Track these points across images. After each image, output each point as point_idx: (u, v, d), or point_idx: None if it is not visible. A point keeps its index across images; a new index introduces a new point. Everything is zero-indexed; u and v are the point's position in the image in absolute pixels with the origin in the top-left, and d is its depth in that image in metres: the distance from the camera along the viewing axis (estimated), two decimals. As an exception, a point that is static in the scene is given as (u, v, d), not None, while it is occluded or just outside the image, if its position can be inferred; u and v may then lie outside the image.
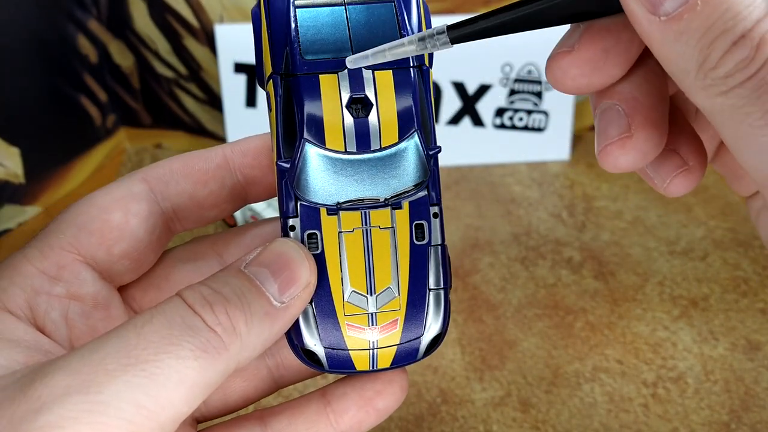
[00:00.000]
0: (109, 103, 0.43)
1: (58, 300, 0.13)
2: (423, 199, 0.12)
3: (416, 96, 0.12)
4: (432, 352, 0.13)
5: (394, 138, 0.12)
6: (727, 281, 0.33)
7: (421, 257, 0.12)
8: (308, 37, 0.12)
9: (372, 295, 0.12)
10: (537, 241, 0.36)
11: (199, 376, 0.10)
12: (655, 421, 0.26)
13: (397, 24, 0.13)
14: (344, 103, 0.12)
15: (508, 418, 0.26)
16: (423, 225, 0.12)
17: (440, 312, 0.13)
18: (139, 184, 0.13)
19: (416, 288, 0.12)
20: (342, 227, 0.12)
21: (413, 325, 0.12)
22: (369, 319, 0.12)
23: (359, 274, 0.12)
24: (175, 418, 0.10)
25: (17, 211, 0.38)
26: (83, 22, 0.40)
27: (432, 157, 0.12)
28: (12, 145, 0.36)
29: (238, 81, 0.41)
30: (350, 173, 0.12)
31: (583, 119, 0.45)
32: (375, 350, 0.12)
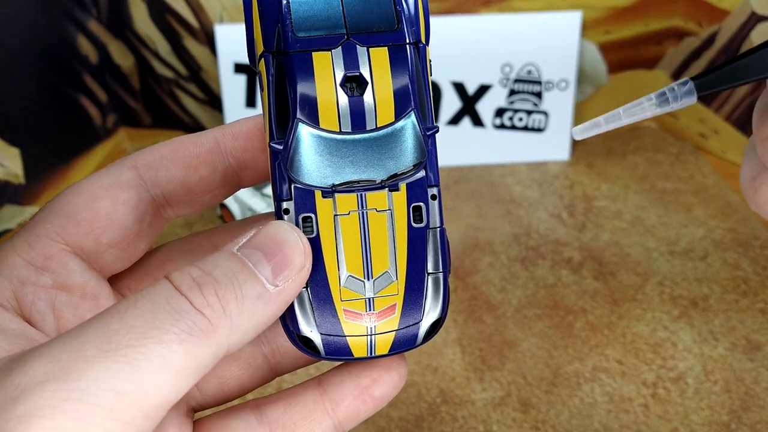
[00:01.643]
0: (109, 103, 0.43)
1: (45, 291, 0.13)
2: (421, 181, 0.12)
3: (413, 74, 0.12)
4: (431, 337, 0.12)
5: (390, 117, 0.12)
6: (727, 281, 0.33)
7: (420, 240, 0.12)
8: (300, 14, 0.12)
9: (369, 280, 0.12)
10: (537, 241, 0.36)
11: (186, 361, 0.10)
12: (655, 421, 0.26)
13: (392, 3, 0.12)
14: (338, 81, 0.11)
15: (508, 418, 0.26)
16: (421, 207, 0.12)
17: (439, 296, 0.12)
18: (128, 171, 0.13)
19: (414, 272, 0.12)
20: (337, 210, 0.12)
21: (412, 310, 0.12)
22: (366, 304, 0.12)
23: (356, 258, 0.12)
24: (161, 404, 0.10)
25: (17, 211, 0.38)
26: (83, 23, 0.40)
27: (429, 137, 0.12)
28: (12, 145, 0.36)
29: (238, 81, 0.41)
30: (345, 154, 0.12)
31: (583, 119, 0.45)
32: (373, 336, 0.12)
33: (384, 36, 0.12)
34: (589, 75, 0.44)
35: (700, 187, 0.40)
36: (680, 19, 0.41)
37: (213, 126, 0.44)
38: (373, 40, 0.12)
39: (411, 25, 0.12)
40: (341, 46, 0.12)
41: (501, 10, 0.41)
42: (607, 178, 0.41)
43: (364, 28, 0.12)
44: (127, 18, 0.40)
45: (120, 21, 0.40)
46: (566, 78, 0.41)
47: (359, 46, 0.12)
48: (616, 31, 0.42)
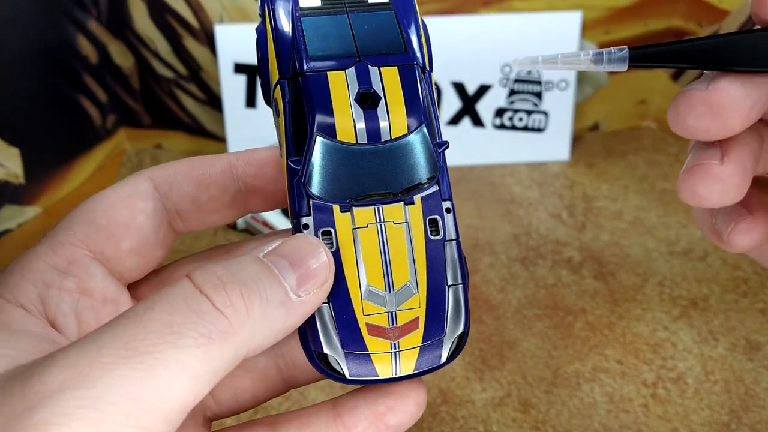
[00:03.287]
0: (109, 103, 0.43)
1: (68, 294, 0.13)
2: (435, 194, 0.12)
3: (422, 92, 0.12)
4: (456, 355, 0.12)
5: (403, 129, 0.12)
6: (726, 281, 0.33)
7: (438, 252, 0.12)
8: (314, 41, 0.13)
9: (390, 292, 0.12)
10: (537, 241, 0.36)
11: (204, 365, 0.10)
12: (655, 421, 0.26)
13: (399, 30, 0.13)
14: (353, 97, 0.12)
15: (508, 418, 0.26)
16: (437, 220, 0.12)
17: (461, 309, 0.12)
18: (145, 183, 0.14)
19: (435, 284, 0.12)
20: (356, 223, 0.12)
21: (435, 324, 0.12)
22: (389, 318, 0.12)
23: (376, 270, 0.12)
24: (179, 409, 0.10)
25: (17, 211, 0.38)
26: (83, 23, 0.40)
27: (441, 152, 0.13)
28: (12, 145, 0.36)
29: (238, 81, 0.41)
30: (362, 168, 0.12)
31: (583, 120, 0.45)
32: (397, 353, 0.12)
33: (393, 57, 0.12)
34: (589, 75, 0.44)
35: (700, 187, 0.40)
36: (680, 19, 0.41)
37: (212, 126, 0.45)
38: (384, 61, 0.12)
39: (417, 51, 0.13)
40: (354, 66, 0.12)
41: (501, 10, 0.41)
42: (607, 178, 0.41)
43: (375, 51, 0.12)
44: (127, 18, 0.40)
45: (120, 21, 0.40)
46: (566, 78, 0.41)
47: (371, 66, 0.12)
48: (616, 31, 0.42)
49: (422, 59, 0.13)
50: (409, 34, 0.13)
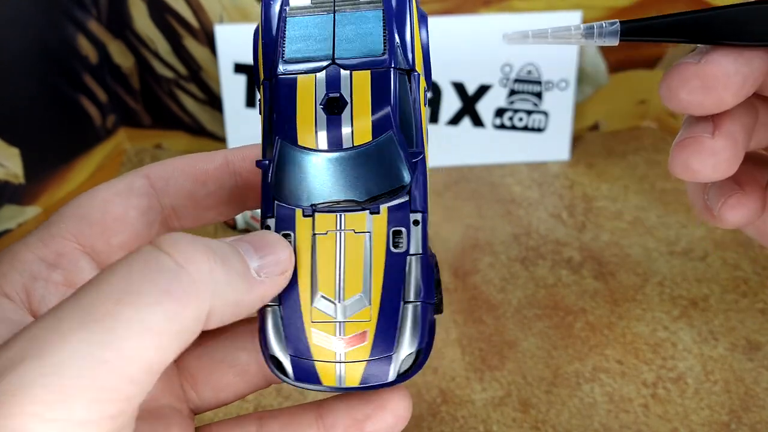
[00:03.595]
0: (109, 103, 0.43)
1: (55, 286, 0.13)
2: (404, 205, 0.12)
3: (395, 97, 0.12)
4: (412, 373, 0.12)
5: (367, 137, 0.12)
6: (726, 281, 0.33)
7: (398, 266, 0.12)
8: (293, 44, 0.12)
9: (340, 302, 0.12)
10: (537, 241, 0.36)
11: (166, 322, 0.10)
12: (655, 421, 0.26)
13: (382, 31, 0.12)
14: (319, 101, 0.12)
15: (508, 418, 0.26)
16: (401, 232, 0.12)
17: (417, 327, 0.11)
18: (141, 180, 0.14)
19: (389, 299, 0.11)
20: (316, 229, 0.12)
21: (384, 340, 0.11)
22: (336, 328, 0.11)
23: (329, 278, 0.12)
24: (146, 369, 0.10)
25: (17, 211, 0.38)
26: (83, 23, 0.40)
27: (416, 162, 0.12)
28: (12, 145, 0.36)
29: (238, 81, 0.41)
30: (325, 173, 0.12)
31: (583, 120, 0.45)
32: (342, 364, 0.12)
33: (369, 61, 0.12)
34: (589, 75, 0.44)
35: (700, 187, 0.40)
36: (680, 19, 0.41)
37: (212, 126, 0.45)
38: (358, 65, 0.12)
39: (404, 53, 0.12)
40: (326, 70, 0.12)
41: (501, 10, 0.41)
42: (607, 178, 0.41)
43: (351, 53, 0.12)
44: (127, 18, 0.40)
45: (120, 21, 0.40)
46: (566, 78, 0.41)
47: (343, 70, 0.12)
48: (616, 31, 0.42)
49: (409, 61, 0.12)
50: (393, 34, 0.12)
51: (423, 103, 0.12)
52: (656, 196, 0.39)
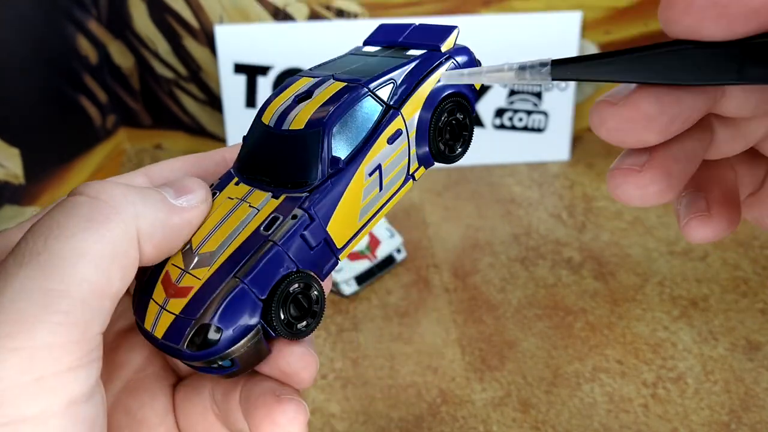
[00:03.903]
0: (109, 103, 0.43)
1: None
2: (298, 199, 0.12)
3: (345, 106, 0.12)
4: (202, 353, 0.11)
5: (300, 125, 0.12)
6: (726, 281, 0.33)
7: (252, 245, 0.12)
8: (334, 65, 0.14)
9: (195, 253, 0.12)
10: (537, 241, 0.36)
11: (98, 245, 0.10)
12: (655, 421, 0.26)
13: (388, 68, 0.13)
14: (297, 92, 0.13)
15: (508, 418, 0.26)
16: (277, 219, 0.12)
17: (219, 302, 0.11)
18: (141, 177, 0.14)
19: (225, 268, 0.11)
20: (228, 194, 0.13)
21: (196, 302, 0.11)
22: (179, 275, 0.12)
23: (202, 233, 0.12)
24: (95, 292, 0.10)
25: (17, 211, 0.38)
26: (83, 23, 0.40)
27: (336, 173, 0.12)
28: (12, 145, 0.36)
29: (237, 81, 0.41)
30: (263, 150, 0.13)
31: (583, 120, 0.45)
32: (162, 311, 0.12)
33: (354, 78, 0.13)
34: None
35: (700, 187, 0.40)
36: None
37: (213, 126, 0.45)
38: (344, 79, 0.13)
39: (395, 91, 0.13)
40: (322, 77, 0.13)
41: (501, 10, 0.41)
42: (607, 178, 0.41)
43: (350, 74, 0.13)
44: (127, 18, 0.40)
45: (120, 21, 0.40)
46: (566, 78, 0.41)
47: (331, 80, 0.13)
48: (616, 31, 0.42)
49: (398, 100, 0.13)
50: (395, 73, 0.13)
51: (386, 140, 0.13)
52: (656, 196, 0.39)
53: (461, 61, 0.14)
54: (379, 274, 0.33)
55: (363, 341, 0.30)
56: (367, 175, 0.12)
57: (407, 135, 0.13)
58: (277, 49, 0.40)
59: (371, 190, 0.13)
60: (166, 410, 0.13)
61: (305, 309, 0.12)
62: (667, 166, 0.10)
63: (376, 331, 0.30)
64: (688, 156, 0.11)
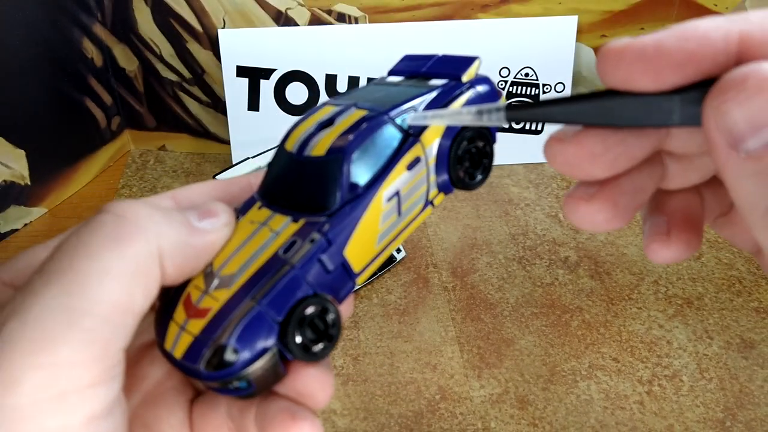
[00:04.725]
0: (113, 105, 0.43)
1: None
2: (318, 224, 0.12)
3: (365, 134, 0.12)
4: (221, 372, 0.11)
5: (321, 151, 0.12)
6: (721, 280, 0.33)
7: (272, 268, 0.12)
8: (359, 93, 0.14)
9: (217, 277, 0.12)
10: (534, 241, 0.36)
11: (120, 263, 0.11)
12: (651, 418, 0.26)
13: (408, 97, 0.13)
14: (321, 120, 0.13)
15: (505, 414, 0.26)
16: (296, 242, 0.12)
17: (236, 324, 0.11)
18: (167, 200, 0.14)
19: (243, 290, 0.11)
20: (251, 218, 0.13)
21: (215, 324, 0.11)
22: (200, 296, 0.12)
23: (224, 255, 0.12)
24: (117, 309, 0.10)
25: (23, 212, 0.38)
26: (88, 27, 0.40)
27: (354, 199, 0.12)
28: (18, 147, 0.37)
29: (240, 84, 0.41)
30: (286, 174, 0.13)
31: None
32: (182, 331, 0.12)
33: (376, 107, 0.13)
34: (585, 78, 0.44)
35: (696, 188, 0.41)
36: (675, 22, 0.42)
37: (216, 129, 0.45)
38: (365, 107, 0.13)
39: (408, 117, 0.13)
40: (344, 105, 0.13)
41: (498, 15, 0.41)
42: (604, 179, 0.42)
43: (371, 103, 0.13)
44: (131, 22, 0.41)
45: (124, 25, 0.41)
46: (563, 81, 0.42)
47: (354, 108, 0.13)
48: (612, 34, 0.42)
49: (416, 128, 0.13)
50: (413, 103, 0.13)
51: (405, 167, 0.13)
52: (652, 197, 0.40)
53: (482, 91, 0.14)
54: (379, 273, 0.34)
55: (363, 339, 0.30)
56: (386, 200, 0.12)
57: (426, 162, 0.13)
58: (279, 52, 0.41)
59: (389, 215, 0.13)
60: (183, 425, 0.13)
61: (321, 332, 0.12)
62: (614, 198, 0.11)
63: (376, 329, 0.31)
64: (636, 188, 0.11)
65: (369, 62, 0.41)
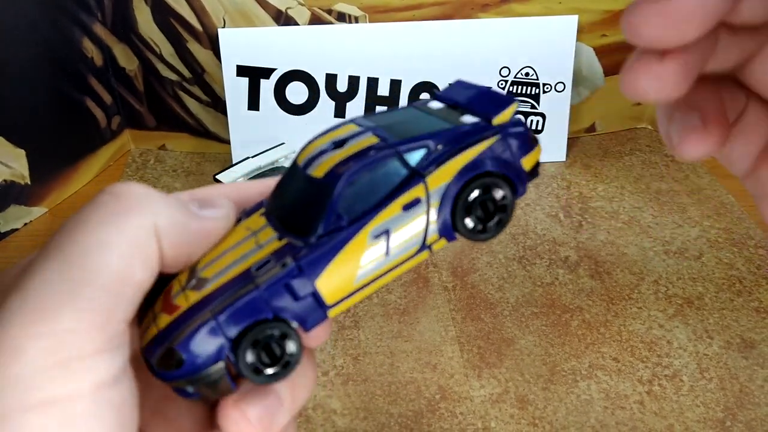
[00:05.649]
0: (113, 105, 0.43)
1: None
2: (295, 248, 0.12)
3: (366, 165, 0.12)
4: (164, 372, 0.11)
5: (320, 174, 0.12)
6: (721, 280, 0.33)
7: (238, 283, 0.12)
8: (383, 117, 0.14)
9: (196, 276, 0.12)
10: (534, 240, 0.36)
11: (119, 236, 0.11)
12: (651, 418, 0.26)
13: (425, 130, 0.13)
14: (335, 139, 0.13)
15: (505, 414, 0.26)
16: (269, 262, 0.12)
17: (192, 336, 0.11)
18: (185, 195, 0.14)
19: (209, 299, 0.12)
20: (249, 224, 0.13)
21: (176, 325, 0.12)
22: (178, 291, 0.12)
23: (210, 257, 0.12)
24: (117, 279, 0.11)
25: (23, 211, 0.38)
26: (88, 26, 0.40)
27: (336, 229, 0.12)
28: (18, 146, 0.37)
29: (240, 84, 0.41)
30: (289, 190, 0.13)
31: (579, 122, 0.46)
32: (153, 322, 0.12)
33: (389, 135, 0.13)
34: (586, 77, 0.44)
35: (695, 187, 0.41)
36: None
37: (216, 128, 0.45)
38: (379, 133, 0.13)
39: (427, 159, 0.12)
40: (365, 128, 0.13)
41: (499, 14, 0.41)
42: (603, 178, 0.42)
43: (387, 132, 0.13)
44: (131, 21, 0.41)
45: (125, 24, 0.41)
46: (563, 80, 0.42)
47: (370, 133, 0.13)
48: (612, 34, 0.42)
49: (424, 167, 0.12)
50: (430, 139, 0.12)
51: (400, 206, 0.12)
52: (652, 197, 0.40)
53: (511, 141, 0.13)
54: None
55: (363, 339, 0.30)
56: (372, 238, 0.12)
57: (427, 204, 0.12)
58: (279, 52, 0.41)
59: (375, 254, 0.12)
60: (204, 420, 0.13)
61: (277, 358, 0.12)
62: (685, 58, 0.10)
63: (377, 328, 0.31)
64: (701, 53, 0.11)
65: (369, 62, 0.41)
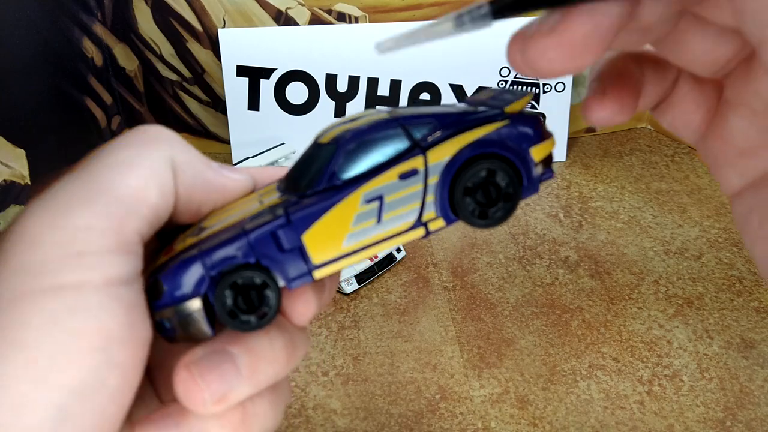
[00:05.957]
0: (113, 105, 0.43)
1: None
2: (288, 201, 0.12)
3: (370, 133, 0.12)
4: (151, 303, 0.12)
5: (327, 140, 0.13)
6: (721, 280, 0.33)
7: (231, 229, 0.12)
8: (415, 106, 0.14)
9: (198, 227, 0.13)
10: (534, 240, 0.36)
11: (138, 159, 0.12)
12: (651, 418, 0.26)
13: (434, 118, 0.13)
14: (354, 117, 0.14)
15: (505, 414, 0.26)
16: (263, 213, 0.12)
17: (176, 266, 0.12)
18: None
19: (200, 242, 0.12)
20: (261, 191, 0.14)
21: (167, 263, 0.12)
22: (180, 240, 0.13)
23: (220, 216, 0.13)
24: (132, 194, 0.11)
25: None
26: (88, 26, 0.40)
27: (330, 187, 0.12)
28: (18, 146, 0.37)
29: (240, 84, 0.41)
30: (299, 161, 0.13)
31: (578, 122, 0.46)
32: (154, 262, 0.13)
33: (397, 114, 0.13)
34: (586, 77, 0.44)
35: (695, 187, 0.41)
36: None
37: (216, 128, 0.45)
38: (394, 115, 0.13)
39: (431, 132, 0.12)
40: (383, 112, 0.13)
41: (499, 14, 0.41)
42: (603, 178, 0.42)
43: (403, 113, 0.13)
44: (131, 22, 0.41)
45: (125, 24, 0.41)
46: (563, 80, 0.42)
47: (384, 113, 0.13)
48: (613, 34, 0.42)
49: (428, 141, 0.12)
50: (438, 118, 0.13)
51: (397, 174, 0.12)
52: (651, 197, 0.40)
53: (521, 127, 0.13)
54: (380, 273, 0.34)
55: (363, 339, 0.30)
56: (364, 201, 0.12)
57: (425, 177, 0.12)
58: (279, 52, 0.41)
59: (366, 218, 0.12)
60: None
61: (254, 306, 0.12)
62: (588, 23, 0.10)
63: (377, 328, 0.31)
64: None
65: (369, 62, 0.41)
